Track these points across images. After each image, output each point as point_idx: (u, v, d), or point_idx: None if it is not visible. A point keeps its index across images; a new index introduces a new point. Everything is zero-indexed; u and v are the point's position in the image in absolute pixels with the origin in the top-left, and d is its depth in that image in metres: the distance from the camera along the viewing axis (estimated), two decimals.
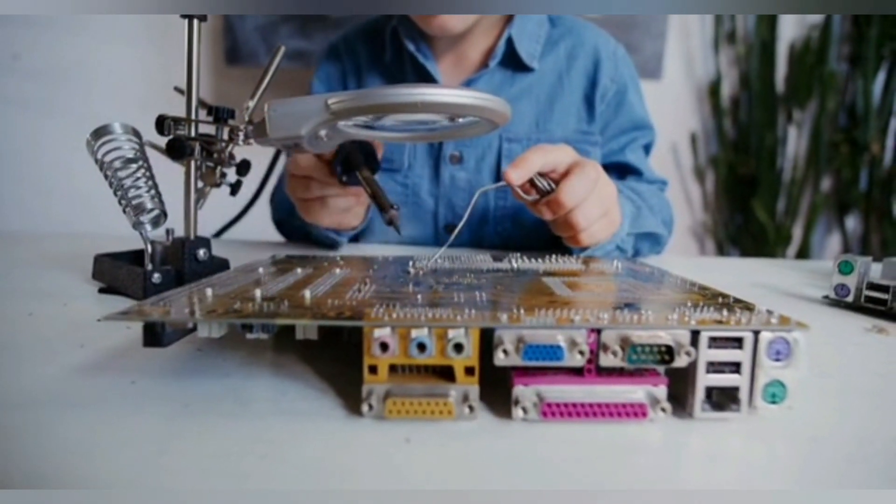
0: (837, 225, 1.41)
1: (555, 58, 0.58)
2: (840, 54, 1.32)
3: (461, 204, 0.58)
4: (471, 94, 0.30)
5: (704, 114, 1.39)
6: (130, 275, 0.36)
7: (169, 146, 0.34)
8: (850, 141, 1.33)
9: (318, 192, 0.46)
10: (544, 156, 0.41)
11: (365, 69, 0.61)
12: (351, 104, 0.30)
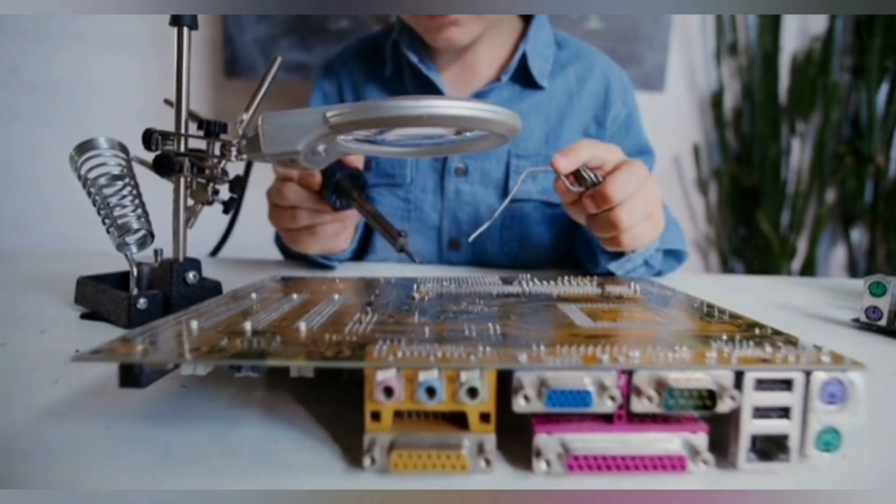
0: (843, 237, 1.40)
1: (564, 79, 0.57)
2: (842, 66, 1.31)
3: (466, 219, 0.56)
4: (480, 106, 0.28)
5: (707, 125, 1.37)
6: (114, 300, 0.33)
7: (156, 162, 0.32)
8: (854, 152, 1.32)
9: (307, 221, 0.44)
10: (594, 149, 0.39)
11: (363, 85, 0.60)
12: (351, 117, 0.28)
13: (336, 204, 0.41)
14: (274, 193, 0.44)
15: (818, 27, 1.31)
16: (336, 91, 0.61)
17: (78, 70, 1.29)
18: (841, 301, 0.46)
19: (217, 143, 0.33)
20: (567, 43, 0.60)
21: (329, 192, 0.41)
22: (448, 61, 0.57)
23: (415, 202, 0.56)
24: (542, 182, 0.55)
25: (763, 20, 1.28)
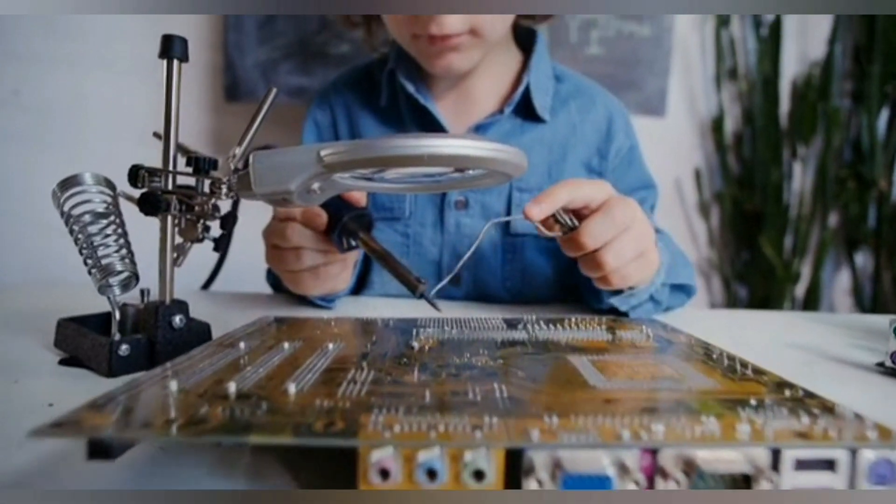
0: (847, 261, 1.38)
1: (566, 112, 0.56)
2: (842, 91, 1.31)
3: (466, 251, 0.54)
4: (485, 145, 0.26)
5: (708, 149, 1.37)
6: (95, 346, 0.31)
7: (141, 200, 0.31)
8: (856, 176, 1.31)
9: (311, 262, 0.42)
10: (573, 191, 0.38)
11: (357, 115, 0.58)
12: (347, 157, 0.26)
13: (343, 245, 0.39)
14: (274, 234, 0.42)
15: (817, 52, 1.31)
16: (329, 121, 0.59)
17: (81, 92, 1.29)
18: (859, 340, 0.44)
19: (206, 180, 0.32)
20: (566, 76, 0.59)
21: (336, 233, 0.39)
22: (446, 90, 0.56)
23: (414, 236, 0.54)
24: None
25: (762, 45, 1.28)
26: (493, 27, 0.48)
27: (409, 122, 0.55)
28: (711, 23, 1.30)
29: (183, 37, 0.31)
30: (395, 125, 0.56)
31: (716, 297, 1.45)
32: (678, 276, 0.47)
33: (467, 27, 0.46)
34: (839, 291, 1.42)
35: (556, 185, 0.38)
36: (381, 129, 0.56)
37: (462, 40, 0.47)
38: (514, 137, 0.54)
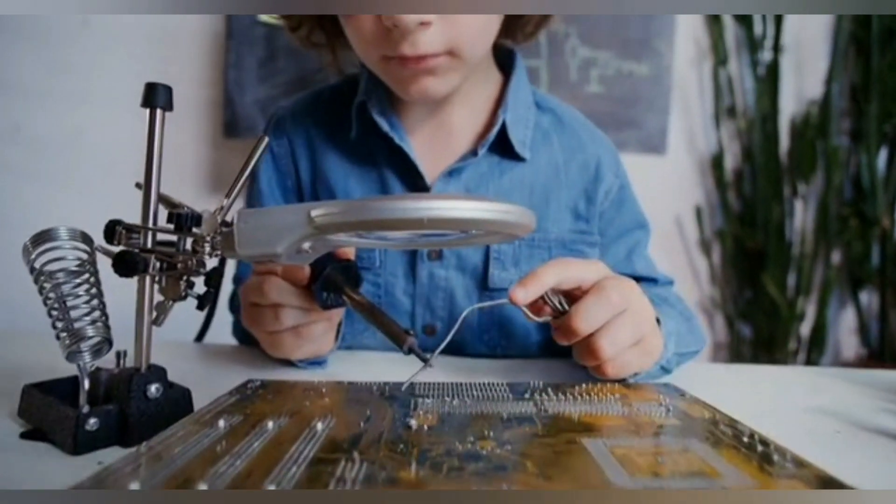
0: (851, 300, 1.36)
1: (549, 150, 0.51)
2: (840, 129, 1.31)
3: (441, 304, 0.49)
4: (490, 207, 0.24)
5: (708, 187, 1.36)
6: (61, 418, 0.28)
7: (116, 261, 0.28)
8: (858, 215, 1.30)
9: (292, 321, 0.38)
10: (563, 271, 0.35)
11: (319, 147, 0.51)
12: (340, 219, 0.24)
13: (326, 301, 0.36)
14: (251, 290, 0.38)
15: (814, 91, 1.31)
16: (287, 152, 0.52)
17: (81, 127, 1.29)
18: (887, 403, 0.41)
19: (188, 238, 0.29)
20: (546, 103, 0.53)
21: (318, 287, 0.36)
22: (420, 122, 0.50)
23: (385, 286, 0.49)
24: (525, 268, 0.48)
25: (760, 84, 1.29)
26: (474, 47, 0.42)
27: (380, 160, 0.50)
28: (709, 61, 1.31)
29: (167, 85, 0.29)
30: (364, 162, 0.50)
31: (719, 335, 1.43)
32: (688, 344, 0.44)
33: (445, 47, 0.40)
34: (845, 331, 1.39)
35: (544, 266, 0.35)
36: (348, 166, 0.50)
37: (439, 62, 0.41)
38: (491, 180, 0.49)
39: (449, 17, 0.39)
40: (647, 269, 0.52)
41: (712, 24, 1.29)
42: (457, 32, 0.40)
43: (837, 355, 1.40)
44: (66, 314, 0.30)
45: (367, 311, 0.33)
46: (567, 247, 0.49)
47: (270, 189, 0.52)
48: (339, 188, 0.50)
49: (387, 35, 0.39)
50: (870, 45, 1.24)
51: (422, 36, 0.39)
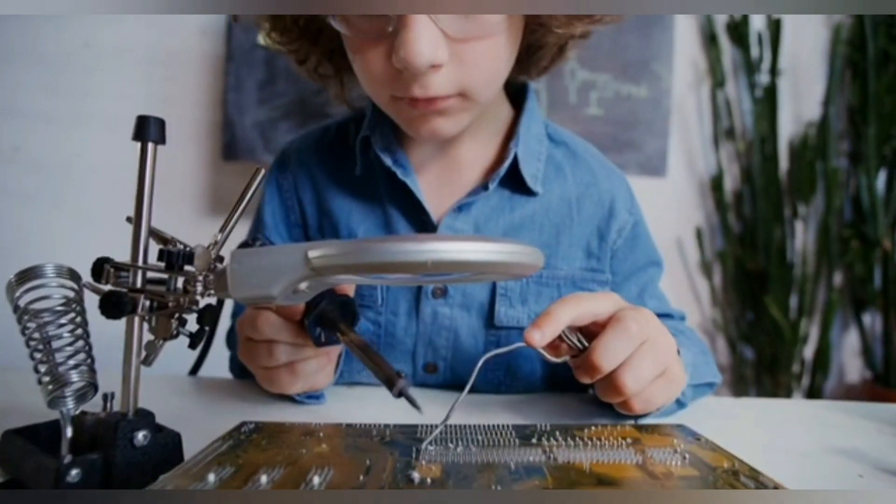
0: (854, 321, 1.35)
1: (562, 185, 0.49)
2: (839, 151, 1.31)
3: (444, 343, 0.47)
4: (495, 248, 0.23)
5: (708, 208, 1.36)
6: (40, 468, 0.27)
7: (103, 303, 0.27)
8: (859, 236, 1.29)
9: (286, 357, 0.37)
10: (577, 307, 0.34)
11: (324, 184, 0.50)
12: (339, 261, 0.23)
13: (320, 338, 0.35)
14: (246, 325, 0.37)
15: (812, 114, 1.32)
16: (292, 186, 0.51)
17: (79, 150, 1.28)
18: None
19: (180, 277, 0.28)
20: (559, 136, 0.52)
21: (312, 323, 0.34)
22: (428, 159, 0.49)
23: (386, 326, 0.47)
24: (533, 306, 0.47)
25: (758, 106, 1.29)
26: (486, 89, 0.41)
27: (385, 197, 0.48)
28: (707, 84, 1.32)
29: (159, 118, 0.28)
30: (369, 199, 0.49)
31: (721, 357, 1.41)
32: (703, 376, 0.43)
33: (456, 89, 0.39)
34: (849, 353, 1.38)
35: (557, 304, 0.34)
36: (352, 202, 0.49)
37: (450, 103, 0.40)
38: (501, 215, 0.47)
39: (460, 59, 0.38)
40: (660, 306, 0.51)
41: (709, 47, 1.30)
42: (468, 74, 0.38)
43: (842, 378, 1.38)
44: (49, 356, 0.28)
45: (360, 351, 0.32)
46: (577, 285, 0.48)
47: (274, 222, 0.51)
48: (343, 224, 0.48)
49: (397, 76, 0.38)
50: (866, 69, 1.25)
51: (433, 78, 0.37)
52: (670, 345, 0.37)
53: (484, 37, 0.37)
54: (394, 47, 0.36)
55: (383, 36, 0.37)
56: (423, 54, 0.35)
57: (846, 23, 1.29)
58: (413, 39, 0.35)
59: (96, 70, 1.29)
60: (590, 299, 0.35)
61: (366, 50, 0.39)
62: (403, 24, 0.35)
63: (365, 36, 0.38)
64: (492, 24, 0.37)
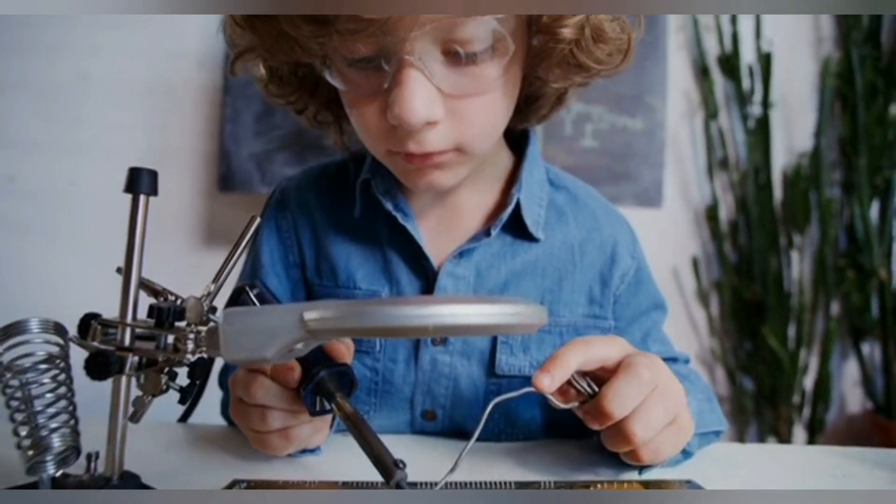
0: (853, 351, 1.34)
1: (564, 230, 0.48)
2: (831, 180, 1.33)
3: (444, 392, 0.46)
4: (498, 311, 0.22)
5: (704, 238, 1.36)
6: None
7: (88, 364, 0.26)
8: (855, 266, 1.29)
9: (279, 424, 0.36)
10: (586, 351, 0.33)
11: (323, 226, 0.49)
12: (336, 324, 0.22)
13: (315, 408, 0.34)
14: (239, 386, 0.36)
15: (804, 144, 1.33)
16: (291, 226, 0.50)
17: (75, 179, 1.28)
18: None
19: (170, 335, 0.27)
20: (560, 180, 0.51)
21: (308, 391, 0.33)
22: (428, 205, 0.48)
23: (383, 373, 0.45)
24: (535, 354, 0.46)
25: (751, 137, 1.30)
26: (482, 143, 0.41)
27: (385, 241, 0.47)
28: (700, 115, 1.33)
29: (152, 169, 0.28)
30: (369, 242, 0.48)
31: (721, 388, 1.39)
32: (709, 424, 0.42)
33: (452, 145, 0.38)
34: (849, 383, 1.37)
35: (566, 348, 0.33)
36: (351, 245, 0.48)
37: (446, 158, 0.39)
38: (503, 261, 0.47)
39: (456, 115, 0.37)
40: (664, 350, 0.50)
41: (702, 80, 1.32)
42: (464, 130, 0.38)
43: (843, 409, 1.37)
44: (30, 418, 0.27)
45: (355, 427, 0.30)
46: (580, 332, 0.47)
47: (272, 262, 0.50)
48: (342, 267, 0.47)
49: (392, 131, 0.37)
50: (855, 101, 1.27)
51: (428, 134, 0.37)
52: (680, 392, 0.36)
53: (479, 93, 0.37)
54: (388, 104, 0.35)
55: (379, 92, 0.36)
56: (419, 112, 0.35)
57: (834, 57, 1.31)
58: (408, 97, 0.34)
59: (93, 100, 1.29)
60: (598, 343, 0.34)
61: (362, 105, 0.38)
62: (398, 82, 0.35)
63: (361, 91, 0.38)
64: (487, 80, 0.36)
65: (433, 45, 0.34)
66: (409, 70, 0.34)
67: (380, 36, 0.33)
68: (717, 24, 1.30)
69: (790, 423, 1.29)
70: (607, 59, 0.38)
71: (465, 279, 0.45)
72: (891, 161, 1.27)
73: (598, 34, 0.37)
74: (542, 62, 0.38)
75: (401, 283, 0.46)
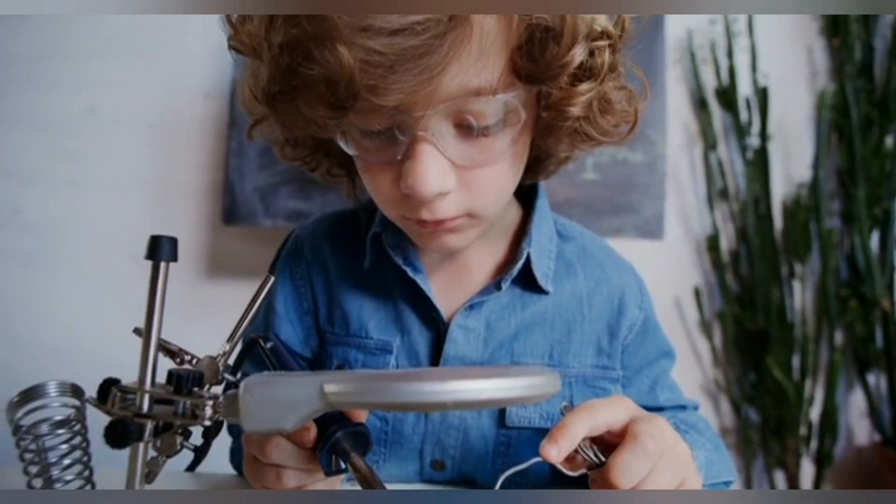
0: (859, 382, 1.33)
1: (573, 282, 0.49)
2: (831, 210, 1.34)
3: (453, 442, 0.46)
4: (516, 385, 0.22)
5: (705, 268, 1.37)
6: None
7: (108, 432, 0.26)
8: (857, 296, 1.30)
9: (295, 483, 0.36)
10: (591, 418, 0.34)
11: (335, 275, 0.50)
12: (356, 399, 0.22)
13: (331, 468, 0.34)
14: (254, 445, 0.36)
15: (802, 174, 1.35)
16: (305, 274, 0.51)
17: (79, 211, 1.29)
18: None
19: (187, 401, 0.27)
20: (568, 231, 0.52)
21: (324, 452, 0.33)
22: (437, 259, 0.49)
23: (393, 423, 0.45)
24: (545, 406, 0.46)
25: (749, 168, 1.32)
26: (493, 207, 0.42)
27: (396, 292, 0.48)
28: (699, 146, 1.35)
29: (172, 237, 0.28)
30: (380, 293, 0.49)
31: (725, 420, 1.38)
32: (718, 474, 0.42)
33: (464, 211, 0.39)
34: (855, 414, 1.35)
35: (572, 416, 0.34)
36: (363, 296, 0.49)
37: (458, 223, 0.40)
38: (513, 313, 0.47)
39: (468, 184, 0.38)
40: (673, 398, 0.50)
41: (700, 111, 1.34)
42: (475, 198, 0.39)
43: (851, 441, 1.35)
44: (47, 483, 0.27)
45: (371, 489, 0.31)
46: (588, 383, 0.47)
47: (286, 310, 0.50)
48: (354, 316, 0.48)
49: (405, 199, 0.38)
50: (851, 133, 1.29)
51: (441, 203, 0.38)
52: (686, 455, 0.36)
53: (490, 164, 0.38)
54: (402, 174, 0.36)
55: (393, 161, 0.37)
56: (432, 185, 0.36)
57: (829, 90, 1.34)
58: (422, 171, 0.35)
59: (99, 133, 1.31)
60: (604, 409, 0.34)
61: (376, 173, 0.39)
62: (412, 155, 0.36)
63: (375, 159, 0.38)
64: (498, 150, 0.37)
65: (446, 119, 0.35)
66: (423, 144, 0.35)
67: (395, 114, 0.34)
68: (713, 57, 1.33)
69: (798, 455, 1.27)
70: (614, 130, 0.40)
71: (475, 331, 0.46)
72: (889, 192, 1.28)
73: (605, 106, 0.38)
74: (551, 136, 0.39)
75: (412, 334, 0.46)
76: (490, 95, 0.34)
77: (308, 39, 0.31)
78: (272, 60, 0.33)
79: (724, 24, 1.32)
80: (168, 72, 1.30)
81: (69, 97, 1.31)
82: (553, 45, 0.33)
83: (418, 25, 0.30)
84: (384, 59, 0.30)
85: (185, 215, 1.28)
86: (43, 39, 1.31)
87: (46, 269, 1.30)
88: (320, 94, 0.33)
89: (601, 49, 0.35)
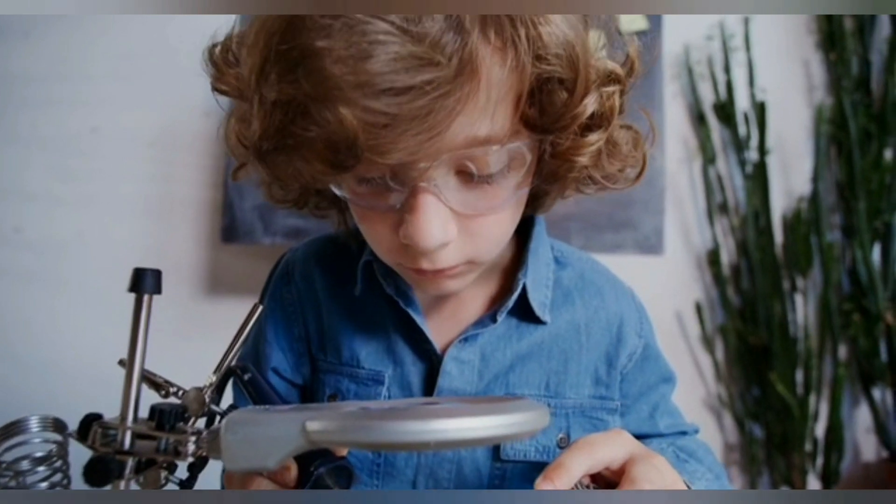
0: (865, 396, 1.31)
1: (570, 311, 0.47)
2: (831, 224, 1.33)
3: (447, 475, 0.45)
4: (501, 422, 0.22)
5: (706, 282, 1.36)
6: None
7: (88, 470, 0.25)
8: (860, 309, 1.28)
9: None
10: (589, 457, 0.33)
11: (327, 300, 0.48)
12: (339, 437, 0.22)
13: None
14: (236, 485, 0.34)
15: (802, 188, 1.34)
16: (296, 299, 0.50)
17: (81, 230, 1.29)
18: None
19: (170, 437, 0.27)
20: (566, 257, 0.50)
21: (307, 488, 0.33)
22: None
23: (386, 456, 0.44)
24: (540, 438, 0.45)
25: (749, 182, 1.31)
26: (493, 252, 0.40)
27: (388, 322, 0.47)
28: (698, 161, 1.35)
29: (156, 269, 0.28)
30: (372, 323, 0.47)
31: (729, 436, 1.36)
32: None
33: (464, 259, 0.38)
34: (861, 430, 1.33)
35: (569, 453, 0.33)
36: (354, 325, 0.47)
37: (457, 270, 0.39)
38: (508, 344, 0.46)
39: (469, 231, 0.37)
40: (673, 424, 0.49)
41: (698, 126, 1.35)
42: (476, 245, 0.37)
43: (857, 457, 1.33)
44: None
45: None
46: (585, 414, 0.46)
47: (276, 337, 0.49)
48: (345, 345, 0.47)
49: (403, 247, 0.37)
50: (850, 147, 1.29)
51: (441, 253, 0.36)
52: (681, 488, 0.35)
53: (493, 212, 0.37)
54: (402, 223, 0.35)
55: (391, 209, 0.36)
56: (435, 237, 0.34)
57: (827, 103, 1.34)
58: (423, 223, 0.34)
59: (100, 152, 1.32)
60: (601, 446, 0.34)
61: (374, 220, 0.38)
62: (412, 207, 0.34)
63: (371, 205, 0.37)
64: (501, 198, 0.36)
65: (448, 168, 0.34)
66: (425, 195, 0.34)
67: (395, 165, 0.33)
68: (710, 72, 1.33)
69: (803, 472, 1.25)
70: (619, 175, 0.39)
71: (469, 363, 0.45)
72: (890, 204, 1.28)
73: (611, 149, 0.37)
74: (556, 182, 0.38)
75: (405, 365, 0.45)
76: (497, 146, 0.33)
77: (306, 98, 0.29)
78: (264, 116, 0.31)
79: (720, 40, 1.32)
80: (167, 91, 1.31)
81: (69, 116, 1.32)
82: (564, 94, 0.32)
83: (427, 85, 0.28)
84: (389, 119, 0.29)
85: (185, 233, 1.28)
86: (42, 59, 1.33)
87: (47, 287, 1.30)
88: (318, 153, 0.31)
89: (610, 94, 0.34)
